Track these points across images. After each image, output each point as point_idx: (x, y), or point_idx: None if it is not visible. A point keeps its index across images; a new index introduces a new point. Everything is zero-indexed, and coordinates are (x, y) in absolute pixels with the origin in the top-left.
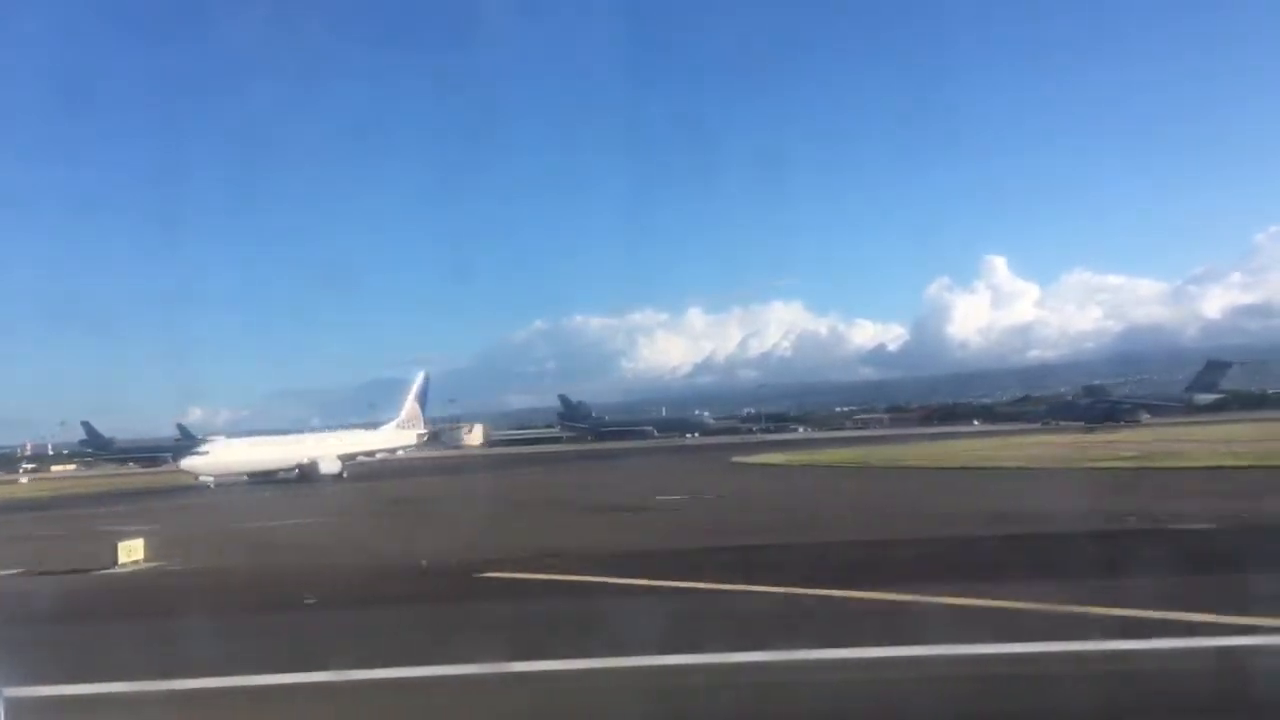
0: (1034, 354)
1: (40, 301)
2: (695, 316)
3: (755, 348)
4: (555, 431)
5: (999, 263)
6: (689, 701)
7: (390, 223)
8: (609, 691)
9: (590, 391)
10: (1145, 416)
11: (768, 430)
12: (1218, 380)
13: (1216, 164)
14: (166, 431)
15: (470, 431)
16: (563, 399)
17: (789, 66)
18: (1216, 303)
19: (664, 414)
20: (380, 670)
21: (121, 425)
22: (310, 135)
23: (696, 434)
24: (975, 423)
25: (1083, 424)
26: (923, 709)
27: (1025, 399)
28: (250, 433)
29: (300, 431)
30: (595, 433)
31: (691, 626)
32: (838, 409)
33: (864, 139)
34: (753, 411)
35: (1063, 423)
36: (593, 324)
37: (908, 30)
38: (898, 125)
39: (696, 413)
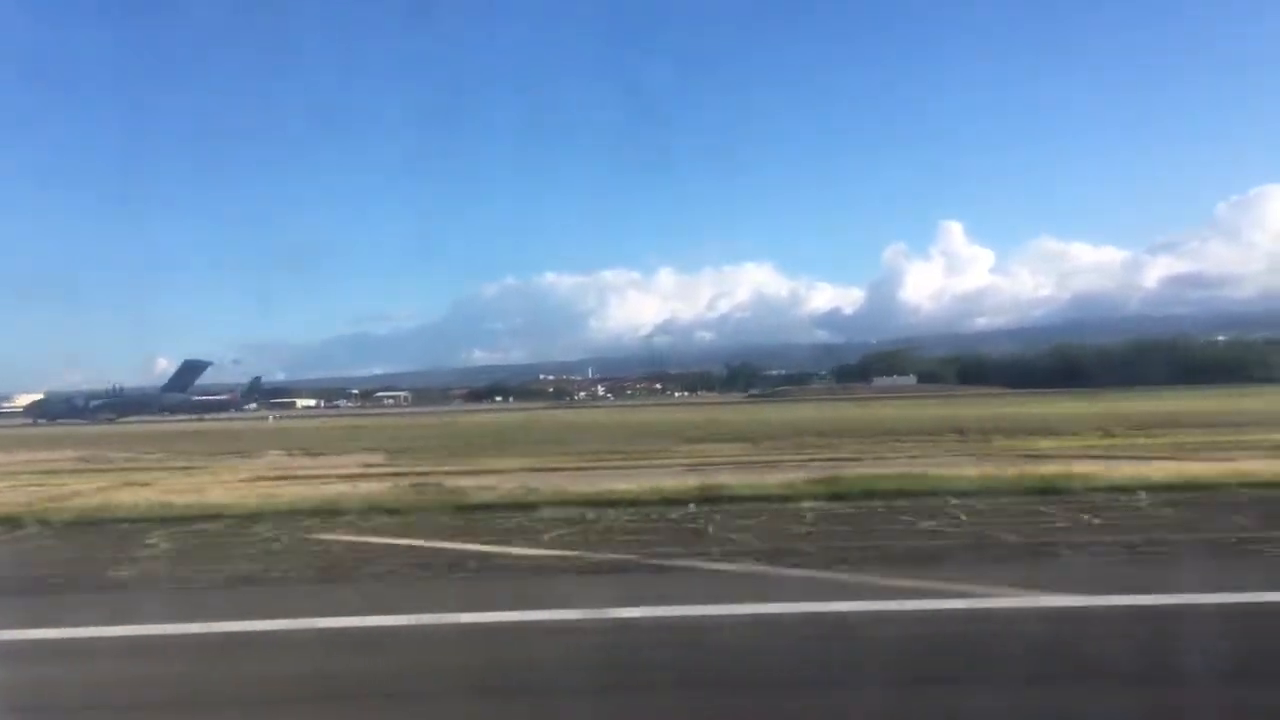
0: (983, 321)
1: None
2: (666, 276)
3: (723, 308)
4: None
5: (955, 228)
6: None
7: (361, 182)
8: None
9: (559, 349)
10: (109, 415)
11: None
12: (190, 381)
13: (1188, 131)
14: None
15: None
16: None
17: (757, 37)
18: (1166, 271)
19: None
20: None
21: (91, 380)
22: (283, 99)
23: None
24: None
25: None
26: None
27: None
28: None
29: None
30: None
31: None
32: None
33: (841, 103)
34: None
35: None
36: (564, 282)
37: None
38: (874, 89)
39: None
